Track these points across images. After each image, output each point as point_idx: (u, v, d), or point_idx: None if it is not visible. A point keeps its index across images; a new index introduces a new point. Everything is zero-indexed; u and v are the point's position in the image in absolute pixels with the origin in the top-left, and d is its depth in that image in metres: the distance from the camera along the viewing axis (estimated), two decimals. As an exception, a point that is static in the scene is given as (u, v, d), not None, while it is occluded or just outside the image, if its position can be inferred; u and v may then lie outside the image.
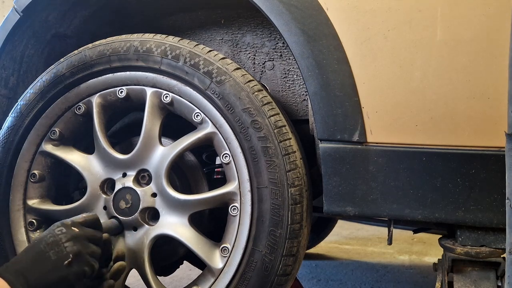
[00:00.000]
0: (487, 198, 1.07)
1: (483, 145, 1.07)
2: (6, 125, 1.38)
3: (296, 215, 1.16)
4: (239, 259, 1.18)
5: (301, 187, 1.18)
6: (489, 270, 1.15)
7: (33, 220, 1.37)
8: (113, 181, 1.30)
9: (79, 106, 1.34)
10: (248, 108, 1.18)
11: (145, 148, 1.27)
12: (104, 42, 1.32)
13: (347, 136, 1.14)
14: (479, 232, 1.12)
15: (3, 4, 1.55)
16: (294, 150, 1.19)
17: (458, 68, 1.07)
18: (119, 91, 1.31)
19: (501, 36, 1.03)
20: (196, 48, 1.25)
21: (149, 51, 1.26)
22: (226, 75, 1.21)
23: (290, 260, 1.17)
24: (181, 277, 2.31)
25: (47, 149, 1.36)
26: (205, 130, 1.24)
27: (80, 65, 1.32)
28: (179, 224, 1.23)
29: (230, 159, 1.21)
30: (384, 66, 1.11)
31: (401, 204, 1.11)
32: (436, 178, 1.09)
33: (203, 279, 1.24)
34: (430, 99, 1.09)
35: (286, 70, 1.47)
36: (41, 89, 1.35)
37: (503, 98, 0.95)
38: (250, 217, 1.18)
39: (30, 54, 1.58)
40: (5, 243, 1.37)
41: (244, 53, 1.51)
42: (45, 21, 1.53)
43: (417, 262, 2.90)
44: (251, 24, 1.50)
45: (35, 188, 1.38)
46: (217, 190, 1.23)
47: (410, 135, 1.11)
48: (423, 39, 1.09)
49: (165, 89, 1.27)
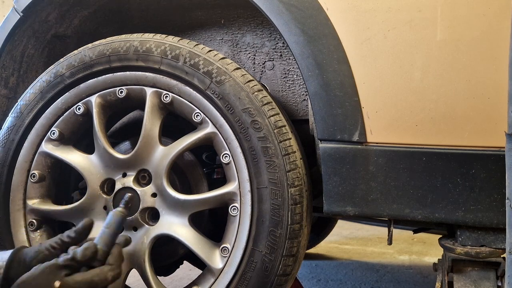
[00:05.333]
0: (487, 198, 1.07)
1: (483, 145, 1.07)
2: (6, 125, 1.38)
3: (296, 215, 1.16)
4: (239, 259, 1.18)
5: (301, 187, 1.18)
6: (489, 270, 1.15)
7: (33, 220, 1.37)
8: (113, 181, 1.30)
9: (79, 106, 1.34)
10: (248, 108, 1.18)
11: (145, 148, 1.27)
12: (104, 42, 1.32)
13: (347, 136, 1.14)
14: (479, 232, 1.12)
15: (3, 4, 1.55)
16: (294, 150, 1.19)
17: (458, 68, 1.07)
18: (119, 91, 1.31)
19: (501, 36, 1.03)
20: (196, 48, 1.25)
21: (149, 51, 1.26)
22: (226, 75, 1.21)
23: (290, 260, 1.17)
24: (181, 277, 2.31)
25: (47, 149, 1.36)
26: (205, 130, 1.24)
27: (80, 65, 1.32)
28: (179, 224, 1.23)
29: (230, 159, 1.21)
30: (384, 66, 1.11)
31: (401, 204, 1.11)
32: (436, 178, 1.09)
33: (203, 279, 1.24)
34: (430, 99, 1.09)
35: (286, 70, 1.47)
36: (41, 89, 1.35)
37: (503, 98, 0.95)
38: (250, 217, 1.18)
39: (30, 54, 1.58)
40: (5, 243, 1.36)
41: (244, 53, 1.51)
42: (45, 21, 1.53)
43: (417, 262, 2.90)
44: (251, 24, 1.50)
45: (35, 188, 1.38)
46: (217, 190, 1.23)
47: (410, 135, 1.11)
48: (423, 39, 1.09)
49: (165, 89, 1.27)
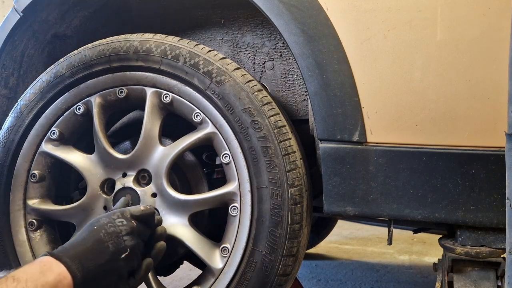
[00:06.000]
0: (487, 198, 1.07)
1: (483, 145, 1.07)
2: (6, 125, 1.38)
3: (296, 215, 1.16)
4: (239, 259, 1.18)
5: (301, 187, 1.18)
6: (489, 270, 1.15)
7: (33, 220, 1.37)
8: (113, 181, 1.30)
9: (79, 106, 1.34)
10: (248, 108, 1.18)
11: (145, 148, 1.27)
12: (104, 42, 1.32)
13: (347, 136, 1.14)
14: (479, 232, 1.12)
15: (3, 4, 1.55)
16: (294, 150, 1.19)
17: (458, 68, 1.07)
18: (119, 91, 1.31)
19: (501, 36, 1.03)
20: (196, 48, 1.25)
21: (149, 51, 1.26)
22: (226, 75, 1.21)
23: (290, 260, 1.17)
24: (181, 277, 2.31)
25: (47, 149, 1.36)
26: (205, 130, 1.24)
27: (80, 65, 1.32)
28: (179, 224, 1.23)
29: (230, 159, 1.21)
30: (384, 66, 1.11)
31: (401, 204, 1.11)
32: (436, 178, 1.09)
33: (203, 279, 1.24)
34: (430, 99, 1.09)
35: (286, 70, 1.47)
36: (41, 89, 1.35)
37: (503, 98, 0.94)
38: (250, 217, 1.17)
39: (30, 54, 1.58)
40: (5, 243, 1.36)
41: (244, 53, 1.51)
42: (45, 21, 1.53)
43: (417, 262, 2.90)
44: (251, 24, 1.50)
45: (35, 188, 1.38)
46: (217, 190, 1.22)
47: (410, 135, 1.11)
48: (423, 39, 1.09)
49: (165, 89, 1.27)
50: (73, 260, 0.92)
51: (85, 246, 0.96)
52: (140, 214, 1.08)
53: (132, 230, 1.03)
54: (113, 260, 0.98)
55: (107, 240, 0.98)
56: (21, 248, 1.36)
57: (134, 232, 1.03)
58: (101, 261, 0.96)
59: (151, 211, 1.11)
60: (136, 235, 1.04)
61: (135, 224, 1.05)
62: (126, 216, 1.05)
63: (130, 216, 1.05)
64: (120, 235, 1.00)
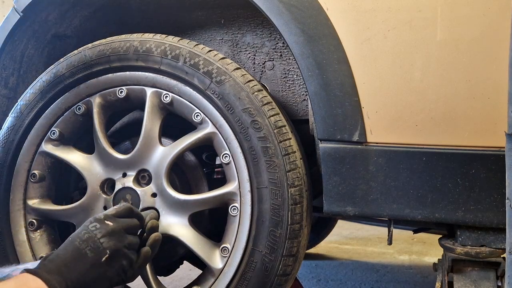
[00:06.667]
0: (487, 198, 1.07)
1: (483, 145, 1.07)
2: (6, 125, 1.38)
3: (296, 215, 1.16)
4: (239, 259, 1.18)
5: (301, 187, 1.18)
6: (489, 270, 1.15)
7: (33, 220, 1.37)
8: (113, 181, 1.30)
9: (79, 106, 1.34)
10: (248, 108, 1.18)
11: (145, 148, 1.27)
12: (104, 42, 1.32)
13: (347, 136, 1.14)
14: (479, 232, 1.12)
15: (3, 4, 1.55)
16: (294, 150, 1.19)
17: (458, 68, 1.07)
18: (119, 91, 1.31)
19: (501, 36, 1.03)
20: (196, 48, 1.25)
21: (148, 51, 1.26)
22: (226, 75, 1.21)
23: (290, 260, 1.17)
24: (181, 277, 2.31)
25: (47, 149, 1.36)
26: (205, 130, 1.24)
27: (80, 65, 1.32)
28: (179, 224, 1.23)
29: (230, 159, 1.21)
30: (384, 66, 1.11)
31: (401, 204, 1.11)
32: (436, 178, 1.09)
33: (203, 279, 1.24)
34: (430, 99, 1.09)
35: (286, 70, 1.47)
36: (41, 89, 1.35)
37: (503, 98, 0.94)
38: (250, 217, 1.17)
39: (30, 54, 1.58)
40: (5, 243, 1.36)
41: (244, 53, 1.51)
42: (45, 21, 1.53)
43: (417, 262, 2.90)
44: (251, 24, 1.50)
45: (35, 188, 1.38)
46: (217, 190, 1.23)
47: (410, 135, 1.11)
48: (423, 39, 1.09)
49: (165, 89, 1.27)
50: (52, 274, 0.90)
51: (64, 258, 0.94)
52: (115, 213, 1.06)
53: (108, 230, 1.00)
54: (96, 266, 0.96)
55: (84, 247, 0.96)
56: (21, 248, 1.36)
57: (111, 232, 1.00)
58: (82, 270, 0.94)
59: (125, 207, 1.09)
60: (117, 234, 1.01)
61: (110, 223, 1.02)
62: (100, 219, 1.02)
63: (104, 217, 1.03)
64: (95, 239, 0.98)
